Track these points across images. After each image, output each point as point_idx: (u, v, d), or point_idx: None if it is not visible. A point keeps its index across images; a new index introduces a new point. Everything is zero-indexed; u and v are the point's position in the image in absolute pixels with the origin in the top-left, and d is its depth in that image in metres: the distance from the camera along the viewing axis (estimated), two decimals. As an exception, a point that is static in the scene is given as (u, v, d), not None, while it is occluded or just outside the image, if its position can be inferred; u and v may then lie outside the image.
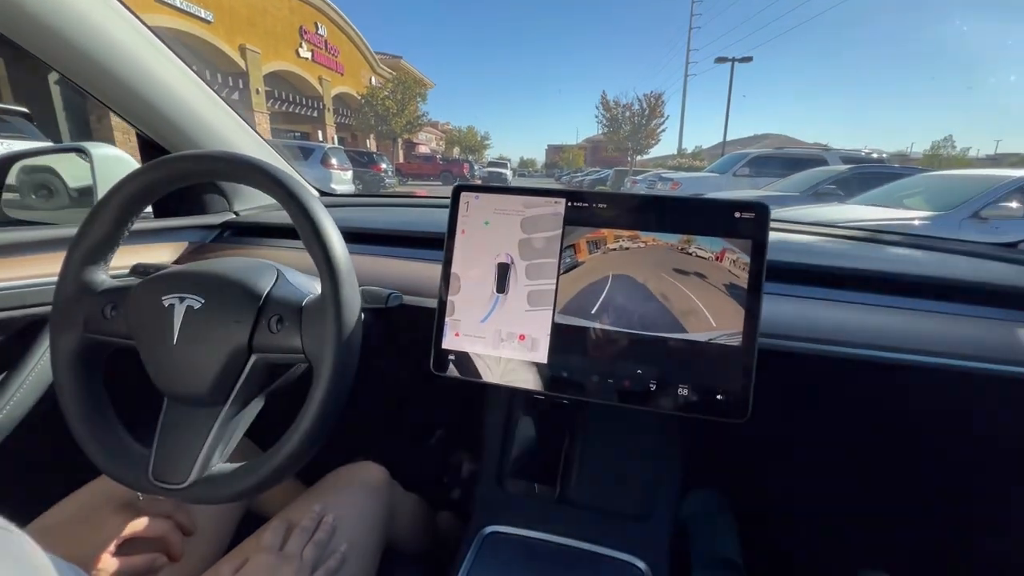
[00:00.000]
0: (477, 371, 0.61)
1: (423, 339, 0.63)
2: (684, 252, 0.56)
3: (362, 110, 23.64)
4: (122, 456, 0.49)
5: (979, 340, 0.60)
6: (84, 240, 0.51)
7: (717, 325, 0.55)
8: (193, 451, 0.48)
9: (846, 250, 0.78)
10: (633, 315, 0.57)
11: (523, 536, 0.69)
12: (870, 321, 0.63)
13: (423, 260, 0.80)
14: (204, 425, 0.48)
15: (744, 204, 0.56)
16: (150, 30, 0.75)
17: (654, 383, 0.56)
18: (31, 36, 0.64)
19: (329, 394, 0.45)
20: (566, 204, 0.60)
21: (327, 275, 0.47)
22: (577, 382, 0.58)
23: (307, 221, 0.47)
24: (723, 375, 0.54)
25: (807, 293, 0.68)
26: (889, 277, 0.68)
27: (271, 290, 0.51)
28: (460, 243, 0.63)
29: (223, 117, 0.90)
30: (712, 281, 0.55)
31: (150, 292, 0.50)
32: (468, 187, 0.64)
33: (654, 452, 0.72)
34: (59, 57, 0.67)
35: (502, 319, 0.61)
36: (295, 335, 0.48)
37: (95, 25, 0.67)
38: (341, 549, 0.58)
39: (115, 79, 0.73)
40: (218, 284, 0.49)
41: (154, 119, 0.81)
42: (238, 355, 0.48)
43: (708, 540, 0.90)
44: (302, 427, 0.45)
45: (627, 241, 0.58)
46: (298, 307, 0.49)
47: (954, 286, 0.66)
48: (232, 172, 0.50)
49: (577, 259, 0.59)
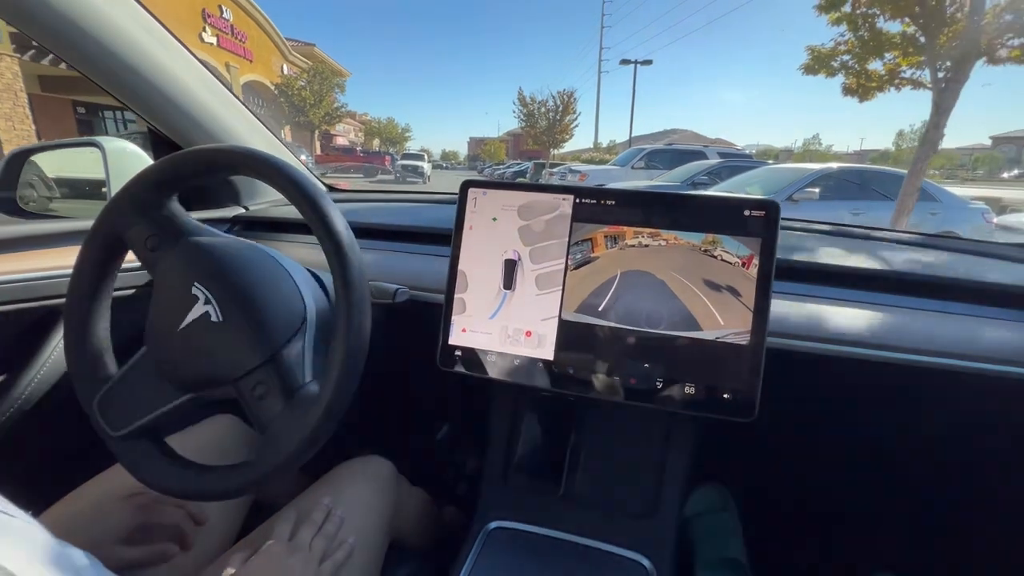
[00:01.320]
0: (484, 367, 0.61)
1: (430, 335, 0.64)
2: (694, 250, 0.56)
3: (277, 100, 23.02)
4: (88, 378, 0.50)
5: (993, 342, 0.60)
6: (149, 174, 0.51)
7: (725, 324, 0.55)
8: (138, 411, 0.48)
9: (855, 249, 0.78)
10: (640, 313, 0.57)
11: (527, 532, 0.69)
12: (878, 321, 0.63)
13: (430, 256, 0.80)
14: (159, 399, 0.48)
15: (754, 203, 0.55)
16: (162, 26, 0.75)
17: (661, 381, 0.56)
18: (43, 29, 0.64)
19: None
20: (574, 201, 0.60)
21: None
22: (583, 379, 0.58)
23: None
24: (731, 374, 0.54)
25: (816, 292, 0.67)
26: (898, 277, 0.68)
27: (284, 350, 0.48)
28: (467, 239, 0.63)
29: (236, 114, 0.90)
30: (720, 279, 0.55)
31: (190, 264, 0.49)
32: (476, 183, 0.64)
33: (659, 450, 0.72)
34: (72, 51, 0.68)
35: (509, 316, 0.61)
36: (273, 404, 0.47)
37: (108, 19, 0.67)
38: (349, 541, 0.59)
39: (128, 74, 0.73)
40: (243, 314, 0.47)
41: (167, 115, 0.81)
42: (215, 383, 0.48)
43: (713, 538, 0.90)
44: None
45: (634, 239, 0.58)
46: (294, 388, 0.48)
47: (966, 287, 0.65)
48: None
49: (585, 256, 0.59)
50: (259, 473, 0.46)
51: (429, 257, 0.80)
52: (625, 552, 0.66)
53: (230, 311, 0.47)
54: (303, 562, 0.53)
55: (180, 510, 0.58)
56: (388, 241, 0.86)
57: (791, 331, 0.63)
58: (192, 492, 0.47)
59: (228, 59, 18.42)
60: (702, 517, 0.94)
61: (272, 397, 0.47)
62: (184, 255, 0.50)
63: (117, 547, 0.52)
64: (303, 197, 0.47)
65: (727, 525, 0.93)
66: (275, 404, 0.46)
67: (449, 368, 0.63)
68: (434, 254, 0.80)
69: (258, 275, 0.50)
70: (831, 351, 0.62)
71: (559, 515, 0.70)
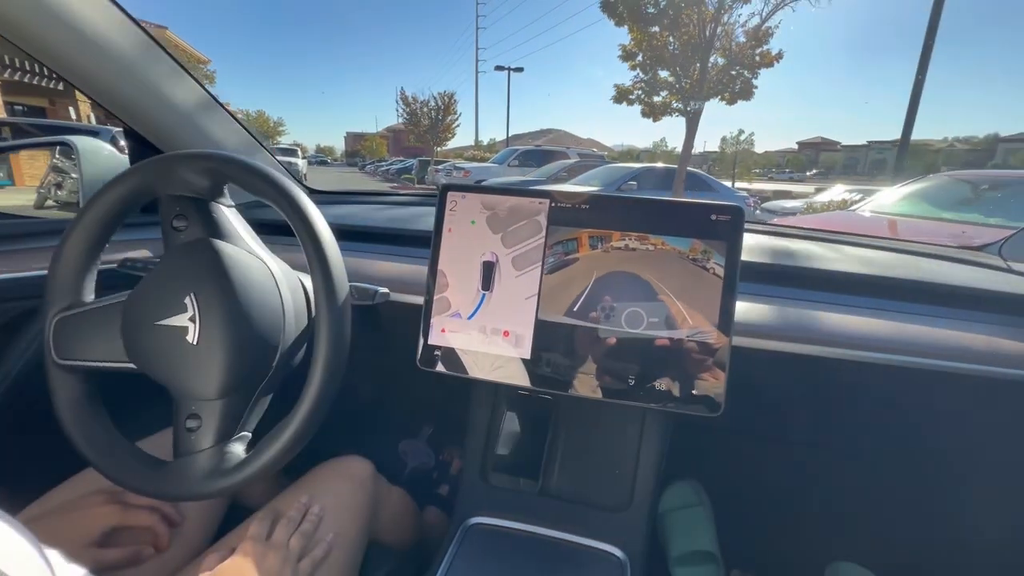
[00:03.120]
0: (463, 366, 0.63)
1: (410, 335, 0.65)
2: (664, 253, 0.59)
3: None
4: (59, 291, 0.50)
5: (946, 341, 0.64)
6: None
7: (694, 323, 0.57)
8: (88, 352, 0.49)
9: (816, 252, 0.82)
10: (614, 313, 0.59)
11: (505, 527, 0.71)
12: (843, 321, 0.66)
13: (410, 257, 0.81)
14: (111, 352, 0.49)
15: (720, 207, 0.58)
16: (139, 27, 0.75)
17: (633, 379, 0.58)
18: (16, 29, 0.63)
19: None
20: (550, 204, 0.62)
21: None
22: (560, 377, 0.60)
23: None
24: (700, 372, 0.57)
25: (781, 293, 0.70)
26: (860, 279, 0.72)
27: (234, 396, 0.48)
28: (447, 241, 0.64)
29: (217, 116, 0.90)
30: (690, 280, 0.58)
31: (197, 269, 0.48)
32: (455, 187, 0.65)
33: (634, 445, 0.75)
34: (47, 51, 0.67)
35: (487, 316, 0.63)
36: (199, 441, 0.47)
37: (84, 20, 0.67)
38: (327, 539, 0.59)
39: (106, 75, 0.72)
40: (217, 348, 0.46)
41: (145, 116, 0.81)
42: (161, 381, 0.48)
43: (686, 532, 0.93)
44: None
45: (608, 242, 0.60)
46: (226, 436, 0.48)
47: (918, 288, 0.69)
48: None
49: (560, 259, 0.61)
50: (143, 487, 0.47)
51: (409, 259, 0.81)
52: (601, 544, 0.68)
53: (207, 339, 0.46)
54: (281, 560, 0.53)
55: (155, 513, 0.58)
56: (368, 243, 0.87)
57: (756, 330, 0.66)
58: (88, 450, 0.48)
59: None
60: (676, 512, 0.96)
61: (199, 434, 0.47)
62: (199, 254, 0.49)
63: (91, 549, 0.52)
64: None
65: (701, 519, 0.95)
66: (199, 442, 0.47)
67: (429, 368, 0.64)
68: (414, 256, 0.81)
69: (253, 315, 0.49)
70: (796, 350, 0.65)
71: (536, 510, 0.72)
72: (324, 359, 0.47)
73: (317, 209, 0.50)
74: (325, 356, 0.47)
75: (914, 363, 0.63)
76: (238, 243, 0.52)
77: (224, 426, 0.47)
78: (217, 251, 0.49)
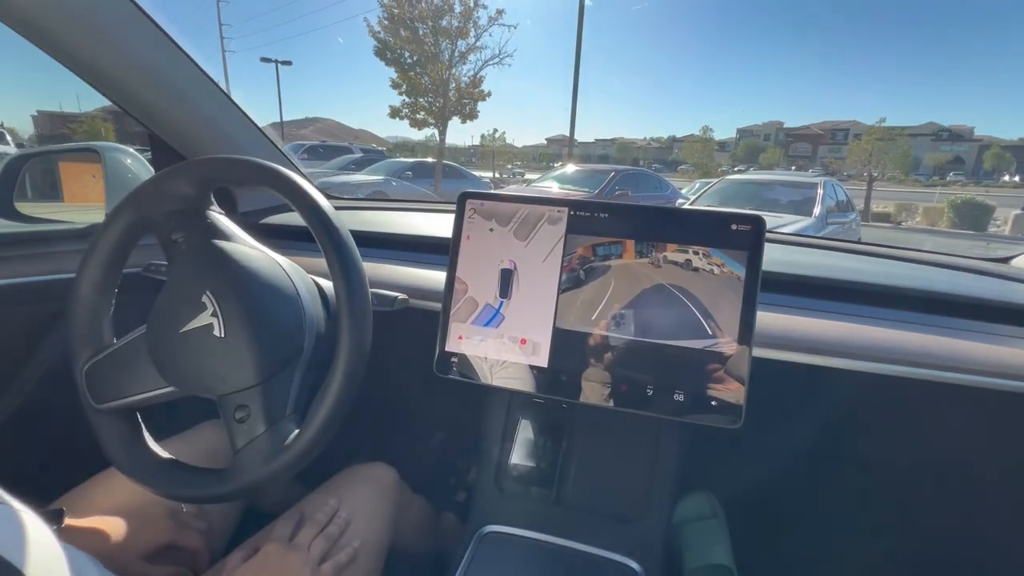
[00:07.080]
0: (479, 374, 0.63)
1: (427, 342, 0.65)
2: (683, 262, 0.58)
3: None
4: (83, 342, 0.51)
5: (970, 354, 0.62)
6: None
7: (713, 333, 0.57)
8: (123, 390, 0.50)
9: (840, 263, 0.80)
10: (632, 322, 0.59)
11: (520, 536, 0.70)
12: (862, 333, 0.65)
13: (428, 264, 0.82)
14: (146, 383, 0.49)
15: (741, 217, 0.58)
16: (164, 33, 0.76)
17: (651, 388, 0.58)
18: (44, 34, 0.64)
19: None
20: (568, 213, 0.62)
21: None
22: (576, 386, 0.60)
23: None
24: (719, 382, 0.56)
25: (802, 304, 0.69)
26: (880, 290, 0.70)
27: (274, 379, 0.49)
28: (465, 249, 0.65)
29: (238, 122, 0.91)
30: (709, 291, 0.57)
31: (208, 269, 0.49)
32: (474, 194, 0.66)
33: (650, 456, 0.74)
34: (72, 57, 0.68)
35: (504, 324, 0.63)
36: (251, 429, 0.47)
37: (110, 25, 0.68)
38: (354, 545, 0.59)
39: (132, 81, 0.74)
40: (244, 336, 0.47)
41: (170, 122, 0.82)
42: (201, 389, 0.48)
43: (701, 544, 0.91)
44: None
45: (627, 251, 0.60)
46: (276, 418, 0.48)
47: (942, 300, 0.68)
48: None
49: (579, 266, 0.61)
50: (218, 492, 0.47)
51: (427, 265, 0.82)
52: (615, 556, 0.68)
53: (233, 329, 0.47)
54: (301, 562, 0.53)
55: (203, 537, 0.58)
56: (387, 249, 0.87)
57: (777, 342, 0.65)
58: (151, 484, 0.48)
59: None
60: (691, 524, 0.95)
61: (251, 422, 0.47)
62: (206, 257, 0.50)
63: (142, 562, 0.52)
64: (318, 219, 0.49)
65: (715, 531, 0.94)
66: (253, 429, 0.47)
67: (445, 375, 0.64)
68: (432, 262, 0.82)
69: (269, 298, 0.51)
70: (815, 361, 0.64)
71: (551, 519, 0.71)
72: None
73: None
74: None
75: (942, 377, 0.62)
76: (236, 241, 0.54)
77: (273, 408, 0.48)
78: (220, 248, 0.51)
